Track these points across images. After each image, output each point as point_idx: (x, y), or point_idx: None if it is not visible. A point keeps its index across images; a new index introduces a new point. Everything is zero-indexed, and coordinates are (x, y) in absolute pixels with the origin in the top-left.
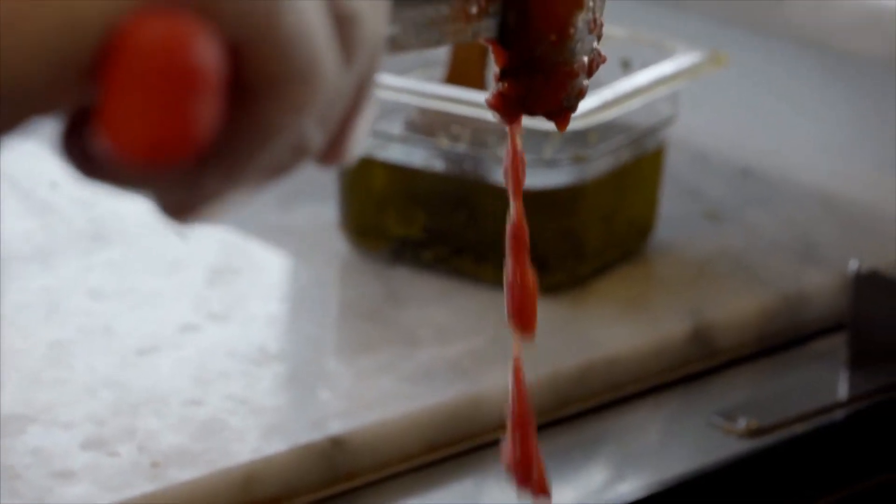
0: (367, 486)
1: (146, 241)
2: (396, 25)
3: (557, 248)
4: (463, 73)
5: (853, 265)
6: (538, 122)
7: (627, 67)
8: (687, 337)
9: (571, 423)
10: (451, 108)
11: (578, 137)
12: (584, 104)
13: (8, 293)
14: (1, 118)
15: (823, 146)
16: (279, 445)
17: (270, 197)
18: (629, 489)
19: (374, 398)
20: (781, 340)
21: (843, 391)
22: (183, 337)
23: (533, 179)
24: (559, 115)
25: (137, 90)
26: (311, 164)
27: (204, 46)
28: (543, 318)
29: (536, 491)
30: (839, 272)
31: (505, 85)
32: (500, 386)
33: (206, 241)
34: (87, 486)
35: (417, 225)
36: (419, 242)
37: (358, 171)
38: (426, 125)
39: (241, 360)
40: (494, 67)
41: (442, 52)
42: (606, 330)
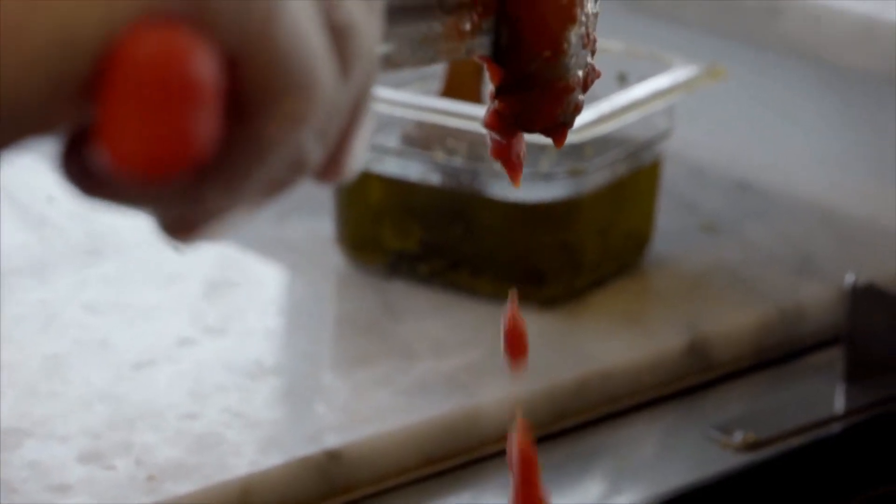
0: (363, 499)
1: (142, 254)
2: (390, 43)
3: (554, 261)
4: (459, 86)
5: (850, 278)
6: (535, 136)
7: (624, 81)
8: (683, 350)
9: (568, 436)
10: (447, 121)
11: (575, 151)
12: (580, 118)
13: (4, 306)
14: None
15: (820, 159)
16: (276, 459)
17: (267, 211)
18: (626, 502)
19: (370, 412)
20: (778, 354)
21: (839, 404)
22: (179, 350)
23: (530, 193)
24: (556, 130)
25: (136, 103)
26: (310, 180)
27: (201, 58)
28: (540, 331)
29: None
30: (836, 285)
31: (501, 103)
32: (496, 399)
33: (202, 254)
34: (83, 499)
35: (414, 238)
36: (415, 256)
37: (354, 184)
38: (422, 139)
39: (237, 373)
40: (490, 86)
41: (438, 66)
42: (603, 343)
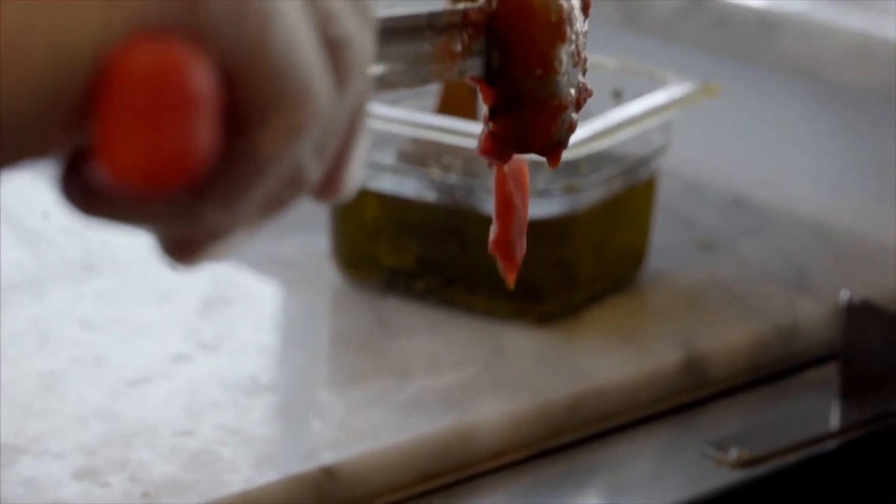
0: None
1: (138, 271)
2: (382, 64)
3: (550, 277)
4: (454, 103)
5: (845, 295)
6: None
7: (619, 98)
8: (679, 367)
9: (563, 452)
10: (442, 138)
11: (570, 167)
12: (576, 134)
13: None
14: None
15: (815, 176)
16: (271, 475)
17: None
18: None
19: (365, 428)
20: (774, 370)
21: (835, 421)
22: (174, 367)
23: None
24: (551, 150)
25: (133, 116)
26: (308, 198)
27: (198, 70)
28: (536, 347)
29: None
30: (831, 302)
31: (495, 124)
32: (491, 416)
33: (197, 271)
34: None
35: (409, 255)
36: (411, 273)
37: (350, 201)
38: (418, 155)
39: (232, 390)
40: (484, 108)
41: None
42: (598, 359)
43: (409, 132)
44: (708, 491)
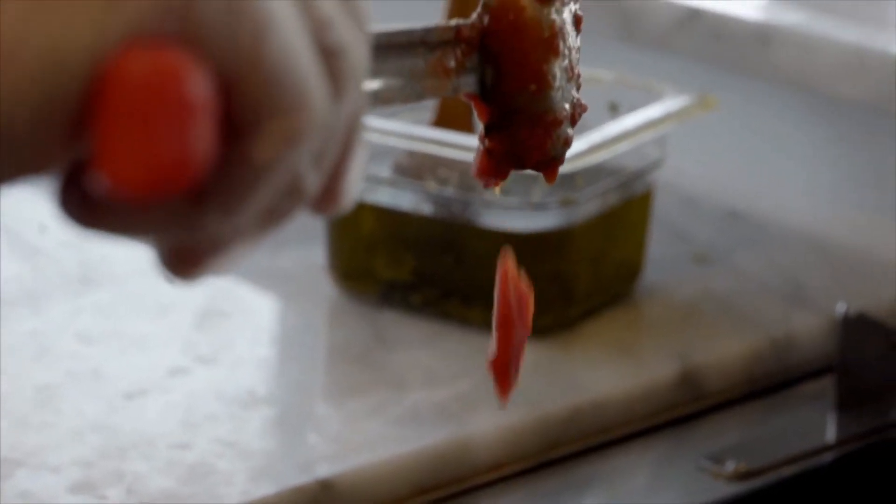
0: None
1: (135, 284)
2: (377, 79)
3: (546, 290)
4: (451, 116)
5: (841, 308)
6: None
7: (615, 111)
8: (675, 380)
9: (560, 465)
10: (439, 151)
11: (566, 181)
12: (572, 147)
13: None
14: None
15: (811, 189)
16: (267, 489)
17: None
18: None
19: (362, 441)
20: (770, 383)
21: (831, 434)
22: (171, 380)
23: (521, 222)
24: (548, 165)
25: (131, 124)
26: (307, 210)
27: (194, 76)
28: (532, 360)
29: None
30: (827, 315)
31: (491, 141)
32: (488, 429)
33: (197, 285)
34: None
35: (406, 268)
36: (407, 286)
37: (346, 214)
38: (414, 168)
39: (229, 403)
40: (479, 126)
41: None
42: (595, 373)
43: (405, 145)
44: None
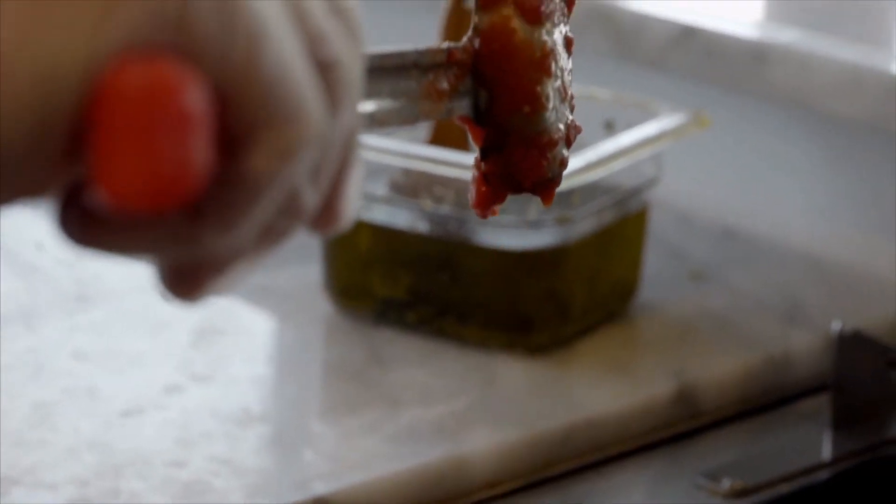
0: None
1: (131, 302)
2: (371, 101)
3: (542, 308)
4: (446, 134)
5: (836, 326)
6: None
7: (611, 129)
8: (671, 398)
9: (556, 483)
10: (434, 169)
11: (562, 199)
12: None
13: None
14: None
15: (806, 207)
16: None
17: None
18: None
19: (358, 459)
20: (765, 401)
21: (827, 451)
22: (167, 398)
23: (517, 240)
24: (544, 187)
25: (129, 137)
26: (306, 229)
27: (190, 88)
28: (527, 378)
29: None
30: (822, 333)
31: (488, 165)
32: (484, 447)
33: (199, 306)
34: None
35: (402, 286)
36: (403, 303)
37: (343, 232)
38: (410, 186)
39: (225, 421)
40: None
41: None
42: (591, 391)
43: (401, 163)
44: None
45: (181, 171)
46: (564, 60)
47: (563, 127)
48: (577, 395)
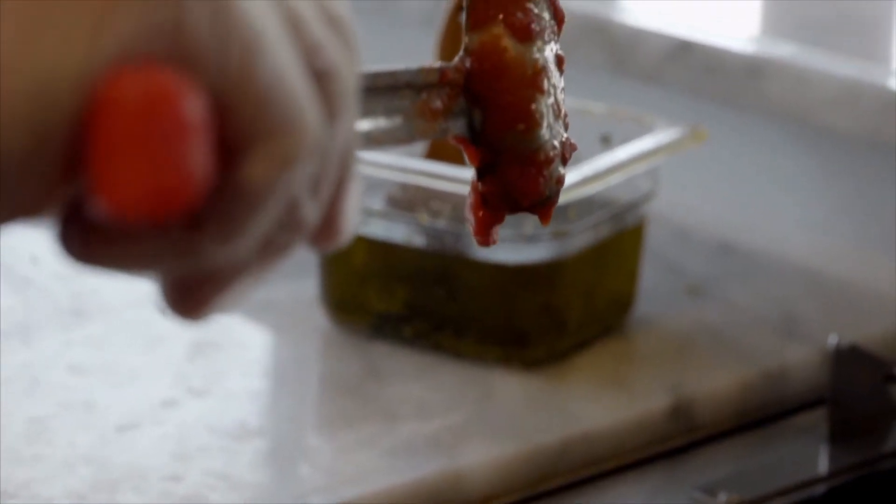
0: None
1: (126, 316)
2: (366, 120)
3: (538, 322)
4: (443, 148)
5: (833, 340)
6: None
7: (607, 143)
8: (668, 412)
9: (552, 497)
10: (431, 183)
11: (559, 213)
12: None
13: None
14: None
15: (803, 221)
16: None
17: None
18: None
19: (354, 473)
20: (762, 415)
21: (823, 465)
22: (163, 412)
23: (513, 255)
24: (542, 206)
25: (128, 147)
26: (306, 244)
27: (189, 95)
28: (524, 392)
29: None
30: (819, 347)
31: (485, 185)
32: (480, 461)
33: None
34: None
35: (398, 300)
36: (400, 317)
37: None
38: (407, 201)
39: (221, 435)
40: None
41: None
42: (587, 405)
43: (397, 177)
44: None
45: (181, 179)
46: (557, 78)
47: (558, 144)
48: (573, 409)
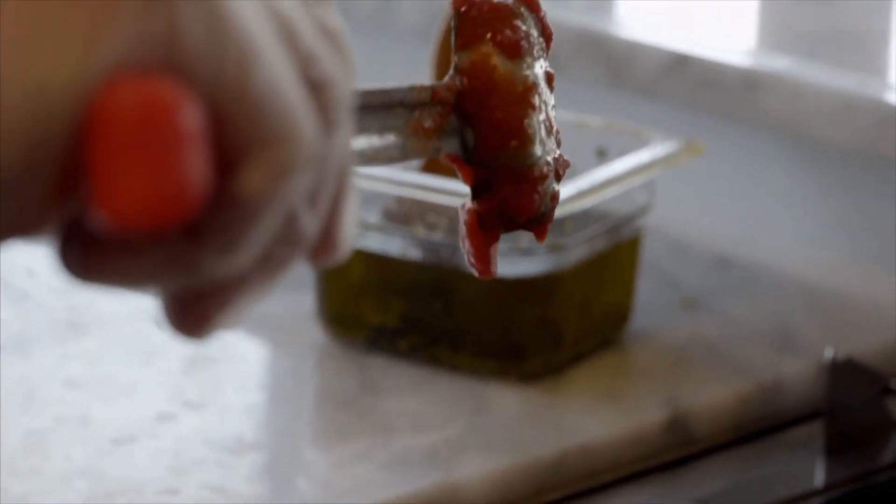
0: None
1: (123, 329)
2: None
3: (534, 335)
4: (439, 162)
5: (829, 353)
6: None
7: (603, 156)
8: (664, 425)
9: None
10: (427, 197)
11: (555, 226)
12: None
13: None
14: None
15: (799, 235)
16: None
17: None
18: None
19: (350, 487)
20: (758, 428)
21: (820, 479)
22: (159, 426)
23: (509, 268)
24: (538, 223)
25: (125, 157)
26: (305, 258)
27: (185, 104)
28: (520, 406)
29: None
30: (815, 360)
31: (480, 204)
32: (476, 474)
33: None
34: None
35: (394, 313)
36: (396, 331)
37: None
38: (403, 214)
39: (217, 449)
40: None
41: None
42: (583, 418)
43: (394, 191)
44: None
45: (179, 188)
46: (547, 94)
47: (551, 161)
48: (569, 422)
